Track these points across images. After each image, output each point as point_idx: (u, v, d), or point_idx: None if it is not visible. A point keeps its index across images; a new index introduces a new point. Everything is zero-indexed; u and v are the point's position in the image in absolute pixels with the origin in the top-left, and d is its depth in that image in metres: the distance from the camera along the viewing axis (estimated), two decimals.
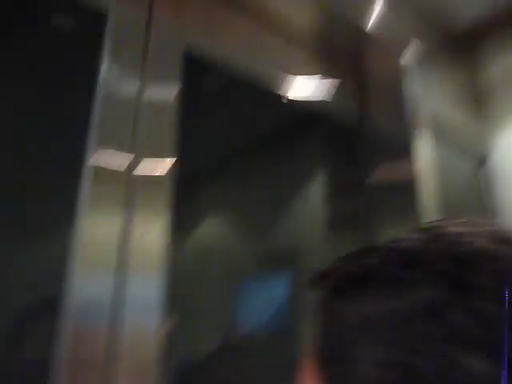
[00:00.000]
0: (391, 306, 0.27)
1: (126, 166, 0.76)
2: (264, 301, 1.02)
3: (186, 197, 0.84)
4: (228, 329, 1.08)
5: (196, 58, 0.94)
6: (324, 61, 1.25)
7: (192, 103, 0.91)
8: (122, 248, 0.71)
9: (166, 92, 0.87)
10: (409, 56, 1.28)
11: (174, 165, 0.81)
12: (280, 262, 1.08)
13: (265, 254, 1.14)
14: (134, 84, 0.83)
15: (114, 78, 0.80)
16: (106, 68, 0.80)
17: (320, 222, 1.19)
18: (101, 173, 0.73)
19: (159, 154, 0.81)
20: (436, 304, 0.26)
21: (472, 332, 0.24)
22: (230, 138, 1.23)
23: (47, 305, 0.71)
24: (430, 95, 1.35)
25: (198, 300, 1.04)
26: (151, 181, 0.79)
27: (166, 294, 0.72)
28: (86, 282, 0.67)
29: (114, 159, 0.76)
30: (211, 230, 1.25)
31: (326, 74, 1.26)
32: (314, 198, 1.23)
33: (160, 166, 0.81)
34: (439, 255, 0.28)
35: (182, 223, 0.80)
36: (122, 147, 0.77)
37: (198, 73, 1.05)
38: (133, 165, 0.77)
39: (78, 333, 0.64)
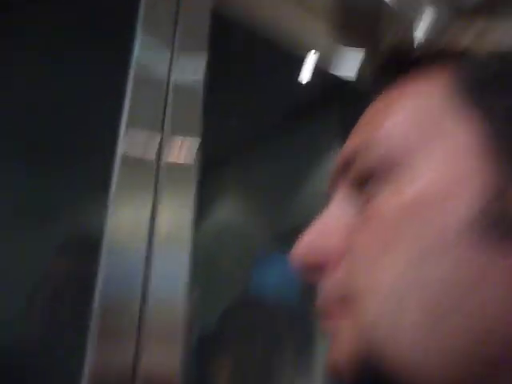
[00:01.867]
0: None
1: (154, 150, 0.80)
2: (280, 275, 1.08)
3: (208, 177, 0.88)
4: (245, 299, 1.15)
5: (223, 21, 0.95)
6: (343, 31, 1.24)
7: (216, 78, 0.93)
8: (152, 227, 0.76)
9: (195, 66, 0.87)
10: (423, 27, 1.24)
11: (200, 146, 0.84)
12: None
13: (282, 230, 1.18)
14: (165, 57, 0.84)
15: (146, 52, 0.83)
16: (139, 40, 0.82)
17: None
18: (130, 158, 0.76)
19: (187, 134, 0.83)
20: None
21: None
22: (251, 116, 1.24)
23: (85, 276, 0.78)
24: None
25: (218, 273, 1.11)
26: (179, 164, 0.82)
27: (190, 267, 0.77)
28: (119, 258, 0.72)
29: (143, 141, 0.80)
30: (231, 208, 1.29)
31: (345, 45, 1.25)
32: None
33: (187, 148, 0.84)
34: None
35: (204, 202, 0.84)
36: (151, 128, 0.79)
37: (223, 41, 1.06)
38: (161, 147, 0.81)
39: (111, 304, 0.71)
